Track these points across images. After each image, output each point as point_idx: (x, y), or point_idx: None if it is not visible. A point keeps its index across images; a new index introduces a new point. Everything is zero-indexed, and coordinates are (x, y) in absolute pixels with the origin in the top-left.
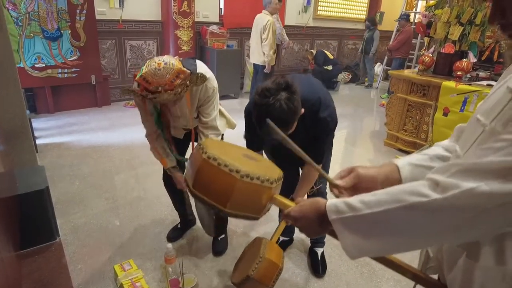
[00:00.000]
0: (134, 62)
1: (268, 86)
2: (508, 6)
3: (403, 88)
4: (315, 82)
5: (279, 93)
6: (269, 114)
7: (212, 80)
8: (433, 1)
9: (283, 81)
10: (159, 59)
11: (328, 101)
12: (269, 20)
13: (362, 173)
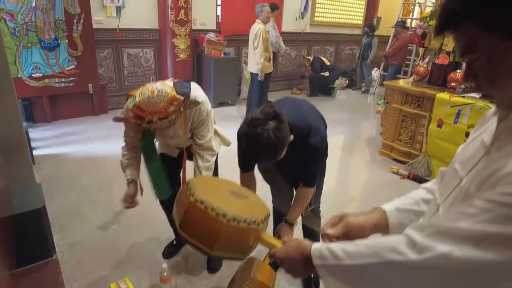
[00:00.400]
0: (132, 70)
1: (257, 116)
2: (480, 69)
3: (398, 99)
4: (306, 106)
5: (267, 122)
6: (257, 144)
7: (205, 103)
8: (428, 12)
9: (271, 110)
10: (153, 87)
11: (319, 126)
12: (260, 28)
13: (352, 222)
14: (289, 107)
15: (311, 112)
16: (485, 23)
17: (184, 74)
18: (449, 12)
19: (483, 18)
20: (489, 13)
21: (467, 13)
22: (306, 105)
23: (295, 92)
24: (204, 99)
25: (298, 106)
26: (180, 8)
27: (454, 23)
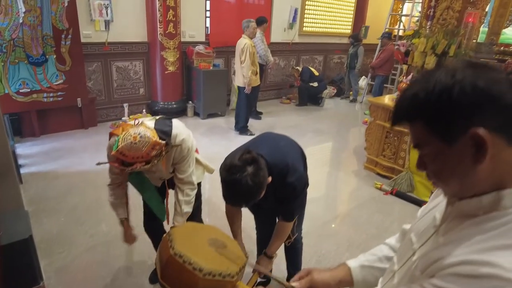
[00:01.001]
0: (121, 83)
1: (235, 163)
2: (428, 161)
3: (381, 115)
4: (285, 144)
5: (245, 169)
6: (236, 190)
7: (187, 141)
8: (411, 31)
9: (249, 156)
10: (135, 132)
11: (296, 165)
12: (246, 43)
13: (316, 278)
14: (269, 145)
15: (290, 150)
16: (429, 126)
17: (173, 86)
18: (402, 109)
19: (427, 122)
20: (431, 119)
21: (415, 114)
22: (285, 142)
23: (284, 102)
24: (185, 137)
25: (277, 145)
26: (169, 21)
27: (407, 119)
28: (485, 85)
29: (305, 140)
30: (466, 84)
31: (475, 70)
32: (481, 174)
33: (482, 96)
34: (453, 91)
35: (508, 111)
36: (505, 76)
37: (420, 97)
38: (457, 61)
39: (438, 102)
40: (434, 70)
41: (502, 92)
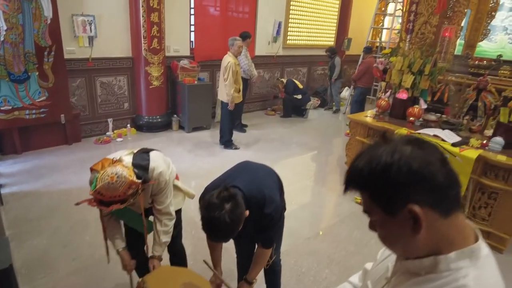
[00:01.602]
0: (105, 98)
1: (213, 201)
2: (376, 226)
3: (361, 132)
4: (263, 174)
5: (223, 206)
6: (214, 228)
7: (164, 174)
8: (388, 49)
9: (227, 194)
10: (112, 172)
11: (273, 196)
12: (230, 62)
13: None
14: (246, 177)
15: (267, 180)
16: (373, 199)
17: (158, 101)
18: (351, 181)
19: (371, 196)
20: (374, 194)
21: (361, 188)
22: (262, 172)
23: (269, 113)
24: (162, 170)
25: (254, 176)
26: (153, 37)
27: (355, 190)
28: (418, 167)
29: (289, 152)
30: (402, 165)
31: (413, 149)
32: (420, 241)
33: (416, 177)
34: (392, 171)
35: (439, 190)
36: (438, 155)
37: (365, 174)
38: (399, 137)
39: (379, 180)
40: (378, 145)
41: (433, 173)
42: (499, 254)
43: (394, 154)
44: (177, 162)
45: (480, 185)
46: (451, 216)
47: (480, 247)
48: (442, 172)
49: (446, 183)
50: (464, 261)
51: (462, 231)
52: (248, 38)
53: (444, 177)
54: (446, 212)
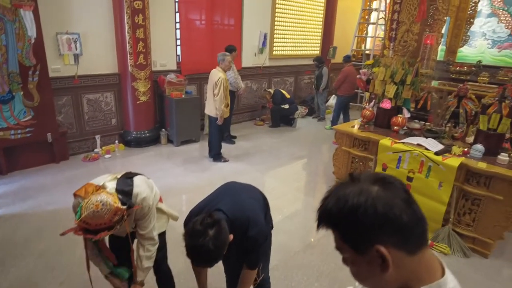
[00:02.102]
0: (92, 115)
1: (196, 228)
2: (347, 263)
3: (346, 142)
4: (247, 195)
5: (207, 233)
6: (198, 254)
7: (148, 199)
8: (371, 60)
9: (210, 220)
10: (96, 200)
11: (257, 218)
12: (220, 77)
13: None
14: (230, 199)
15: (251, 202)
16: (343, 238)
17: (146, 116)
18: (321, 220)
19: (340, 235)
20: (343, 234)
21: (331, 227)
22: (246, 193)
23: (258, 123)
24: (146, 195)
25: (238, 198)
26: (139, 53)
27: (327, 228)
28: (384, 209)
29: (278, 163)
30: (368, 207)
31: (378, 190)
32: (389, 279)
33: (382, 219)
34: (358, 213)
35: (405, 230)
36: (403, 195)
37: (334, 215)
38: (365, 176)
39: (347, 221)
40: (346, 185)
41: (398, 215)
42: (484, 259)
43: (361, 195)
44: (167, 177)
45: (464, 192)
46: (418, 253)
47: (447, 281)
48: (407, 212)
49: (411, 224)
50: None
51: (429, 267)
52: (234, 51)
53: (409, 218)
54: (412, 250)
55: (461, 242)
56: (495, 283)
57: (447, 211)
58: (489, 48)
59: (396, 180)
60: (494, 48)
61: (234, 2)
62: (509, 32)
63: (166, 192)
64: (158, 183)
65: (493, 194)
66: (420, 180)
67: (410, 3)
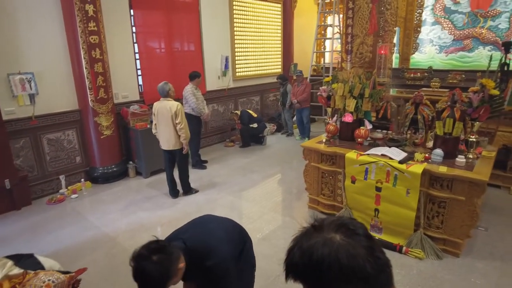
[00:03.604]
0: (54, 155)
1: (141, 252)
2: None
3: (314, 158)
4: (216, 226)
5: (150, 258)
6: (141, 278)
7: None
8: (330, 77)
9: (155, 246)
10: (44, 281)
11: (220, 249)
12: (178, 104)
13: None
14: (195, 229)
15: (217, 233)
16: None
17: (111, 150)
18: (288, 272)
19: (308, 286)
20: (308, 283)
21: (299, 280)
22: (215, 224)
23: (229, 145)
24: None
25: (204, 228)
26: (99, 87)
27: (295, 279)
28: (347, 261)
29: (252, 183)
30: (332, 261)
31: (340, 240)
32: None
33: (346, 272)
34: (323, 267)
35: (369, 279)
36: (365, 242)
37: (300, 268)
38: (328, 222)
39: (313, 275)
40: (310, 234)
41: (361, 266)
42: (456, 258)
43: (324, 247)
44: (138, 211)
45: (430, 196)
46: None
47: None
48: (370, 261)
49: (375, 272)
50: None
51: None
52: (197, 77)
53: (373, 266)
54: None
55: (433, 245)
56: (469, 281)
57: (417, 216)
58: (437, 53)
59: (358, 225)
60: (441, 53)
61: (193, 28)
62: (452, 38)
63: (138, 227)
64: (129, 219)
65: (456, 196)
66: (389, 189)
67: (361, 17)
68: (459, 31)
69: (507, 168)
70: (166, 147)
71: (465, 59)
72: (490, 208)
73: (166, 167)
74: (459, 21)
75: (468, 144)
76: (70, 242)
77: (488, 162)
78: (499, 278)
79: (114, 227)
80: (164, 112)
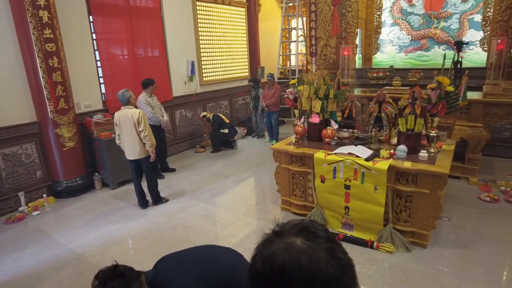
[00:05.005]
0: (11, 171)
1: (97, 276)
2: None
3: (285, 160)
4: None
5: (105, 286)
6: None
7: None
8: (295, 79)
9: (110, 273)
10: None
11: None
12: (140, 112)
13: None
14: (175, 260)
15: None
16: None
17: (75, 162)
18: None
19: None
20: None
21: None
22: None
23: (199, 151)
24: None
25: (181, 264)
26: (59, 97)
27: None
28: (308, 265)
29: (224, 189)
30: (293, 266)
31: (301, 244)
32: None
33: (308, 276)
34: (285, 273)
35: (332, 282)
36: (325, 244)
37: (263, 277)
38: (288, 227)
39: (276, 283)
40: (271, 241)
41: (323, 269)
42: (424, 249)
43: (285, 253)
44: (106, 224)
45: (397, 191)
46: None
47: None
48: (332, 264)
49: (338, 274)
50: None
51: None
52: (150, 85)
53: (335, 269)
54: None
55: (402, 238)
56: (437, 269)
57: (385, 211)
58: (397, 53)
59: (319, 227)
60: (401, 52)
61: (156, 33)
62: (410, 38)
63: (107, 241)
64: (97, 233)
65: (420, 189)
66: (357, 187)
67: (324, 19)
68: (416, 32)
69: (465, 160)
70: (132, 157)
71: (423, 58)
72: (451, 199)
73: (134, 178)
74: (415, 22)
75: (429, 139)
76: (32, 263)
77: (448, 155)
78: (463, 264)
79: (80, 243)
80: (126, 121)
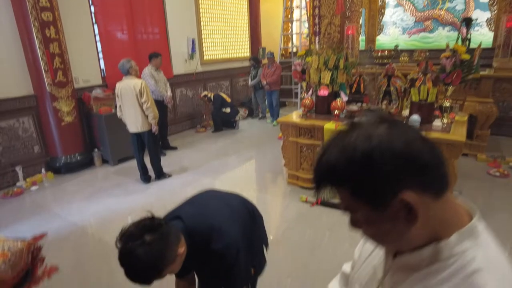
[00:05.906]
0: (7, 145)
1: (131, 229)
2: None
3: (292, 132)
4: (217, 202)
5: (143, 237)
6: (128, 264)
7: None
8: (303, 51)
9: (149, 222)
10: None
11: (225, 229)
12: (142, 82)
13: None
14: (195, 205)
15: (220, 211)
16: (355, 195)
17: (74, 138)
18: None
19: (353, 192)
20: (356, 189)
21: (338, 184)
22: (217, 201)
23: (200, 130)
24: None
25: (205, 204)
26: (57, 69)
27: (331, 187)
28: (402, 148)
29: (227, 167)
30: (384, 149)
31: (389, 129)
32: (415, 231)
33: (402, 160)
34: (373, 159)
35: (428, 170)
36: (415, 133)
37: (340, 168)
38: (368, 120)
39: (359, 172)
40: (347, 133)
41: (419, 152)
42: None
43: (371, 139)
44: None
45: None
46: (443, 197)
47: (477, 223)
48: (426, 150)
49: (433, 161)
50: (467, 242)
51: (456, 211)
52: (154, 57)
53: (430, 155)
54: (438, 193)
55: None
56: None
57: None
58: (401, 35)
59: (401, 120)
60: (405, 34)
61: (156, 10)
62: (414, 19)
63: (108, 214)
64: (98, 206)
65: None
66: None
67: None
68: (420, 13)
69: (473, 137)
70: (134, 130)
71: (426, 40)
72: (460, 174)
73: (136, 152)
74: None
75: (443, 109)
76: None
77: (462, 125)
78: None
79: (81, 216)
80: (128, 92)
